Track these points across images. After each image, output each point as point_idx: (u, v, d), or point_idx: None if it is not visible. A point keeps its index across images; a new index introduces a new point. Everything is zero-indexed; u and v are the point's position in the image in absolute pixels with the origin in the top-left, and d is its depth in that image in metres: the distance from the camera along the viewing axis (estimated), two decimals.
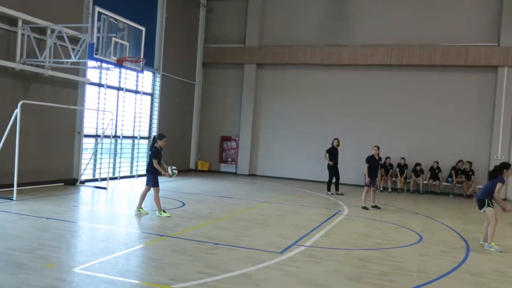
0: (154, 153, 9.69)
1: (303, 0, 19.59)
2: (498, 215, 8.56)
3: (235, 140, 20.49)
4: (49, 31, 12.21)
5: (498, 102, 16.89)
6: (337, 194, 15.18)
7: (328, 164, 15.38)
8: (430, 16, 17.91)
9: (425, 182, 17.31)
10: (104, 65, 12.78)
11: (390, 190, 17.36)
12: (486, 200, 8.52)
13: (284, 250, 7.44)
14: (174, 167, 9.85)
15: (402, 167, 17.58)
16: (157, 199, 9.70)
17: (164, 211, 9.68)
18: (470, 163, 16.90)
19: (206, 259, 6.66)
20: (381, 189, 16.93)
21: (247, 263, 6.52)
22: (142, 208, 9.83)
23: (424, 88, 17.99)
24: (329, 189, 15.37)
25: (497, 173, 8.50)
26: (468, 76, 17.57)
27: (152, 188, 9.73)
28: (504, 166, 8.57)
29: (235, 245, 7.61)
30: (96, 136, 14.98)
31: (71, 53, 11.97)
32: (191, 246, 7.39)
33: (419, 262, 7.26)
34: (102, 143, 15.06)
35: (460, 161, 17.04)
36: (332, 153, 15.41)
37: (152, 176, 9.76)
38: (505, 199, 15.13)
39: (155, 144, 9.78)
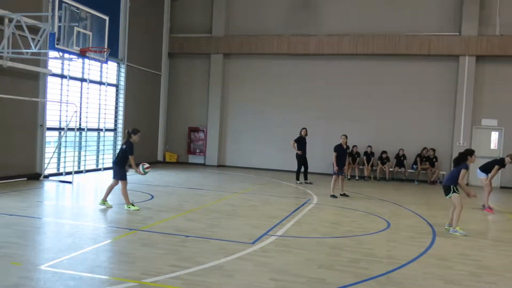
0: (131, 149, 9.48)
1: None
2: (463, 200, 8.82)
3: (203, 131, 20.33)
4: (6, 20, 11.68)
5: (459, 90, 17.36)
6: (306, 183, 15.31)
7: (297, 154, 15.47)
8: (394, 6, 18.18)
9: (391, 169, 17.67)
10: (66, 55, 12.39)
11: (357, 178, 17.64)
12: (451, 186, 8.74)
13: (255, 240, 7.43)
14: (146, 166, 9.65)
15: (369, 155, 17.88)
16: (124, 192, 9.51)
17: (132, 205, 9.51)
18: (434, 150, 17.34)
19: (177, 252, 6.58)
20: (348, 177, 17.16)
21: (219, 255, 6.49)
22: (106, 201, 9.62)
23: (389, 77, 18.30)
24: (298, 178, 15.47)
25: (461, 160, 8.73)
26: (431, 65, 17.97)
27: (119, 181, 9.54)
28: (468, 152, 8.82)
29: (206, 237, 7.55)
30: (59, 129, 14.54)
31: (31, 43, 11.53)
32: (162, 239, 7.29)
33: (388, 248, 7.40)
34: (66, 136, 14.65)
35: (424, 148, 17.47)
36: (300, 142, 15.50)
37: (120, 169, 9.55)
38: (467, 185, 15.60)
39: (130, 139, 9.56)
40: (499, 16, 17.17)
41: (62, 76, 14.58)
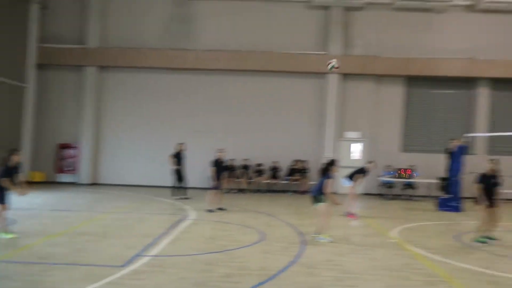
0: (1, 172, 8.56)
1: (147, 0, 19.24)
2: (329, 208, 9.40)
3: (75, 147, 19.13)
4: None
5: (327, 105, 18.66)
6: (184, 198, 15.18)
7: (174, 169, 15.29)
8: (269, 25, 19.05)
9: (266, 181, 18.31)
10: None
11: (234, 191, 17.96)
12: (318, 196, 9.31)
13: (127, 262, 7.14)
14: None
15: (245, 168, 18.34)
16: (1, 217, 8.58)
17: (7, 232, 8.58)
18: (305, 162, 18.36)
19: (39, 282, 6.06)
20: (226, 190, 17.35)
21: (86, 282, 6.11)
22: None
23: (264, 93, 19.05)
24: (175, 194, 15.28)
25: (326, 170, 9.35)
26: (303, 82, 19.08)
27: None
28: (331, 163, 9.49)
29: (73, 263, 7.07)
30: None
31: None
32: (22, 269, 6.65)
33: (261, 260, 7.60)
34: None
35: (296, 160, 18.44)
36: (178, 157, 15.37)
37: None
38: (334, 193, 16.76)
39: (7, 163, 8.63)
40: (360, 38, 18.90)
41: None
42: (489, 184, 9.46)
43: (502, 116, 18.88)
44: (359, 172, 12.80)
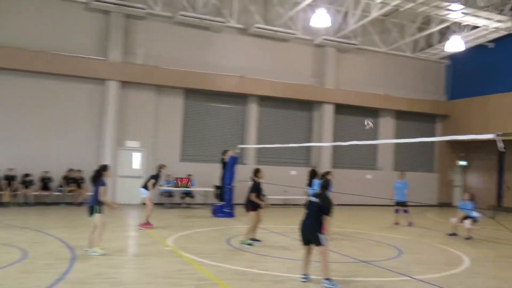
0: None
1: None
2: (105, 219, 8.94)
3: None
4: None
5: (106, 112, 17.91)
6: None
7: None
8: (42, 22, 17.31)
9: (35, 193, 16.56)
10: None
11: None
12: (94, 206, 8.79)
13: None
14: None
15: (10, 178, 16.24)
16: None
17: None
18: (81, 171, 17.25)
19: None
20: None
21: None
22: None
23: (33, 96, 17.21)
24: None
25: (97, 177, 8.92)
26: (78, 86, 17.89)
27: None
28: (101, 168, 9.11)
29: None
30: None
31: None
32: None
33: (21, 281, 6.77)
34: None
35: (70, 169, 17.20)
36: None
37: None
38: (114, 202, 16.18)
39: None
40: (141, 47, 18.80)
41: None
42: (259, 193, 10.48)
43: (267, 130, 21.19)
44: (152, 178, 12.68)
